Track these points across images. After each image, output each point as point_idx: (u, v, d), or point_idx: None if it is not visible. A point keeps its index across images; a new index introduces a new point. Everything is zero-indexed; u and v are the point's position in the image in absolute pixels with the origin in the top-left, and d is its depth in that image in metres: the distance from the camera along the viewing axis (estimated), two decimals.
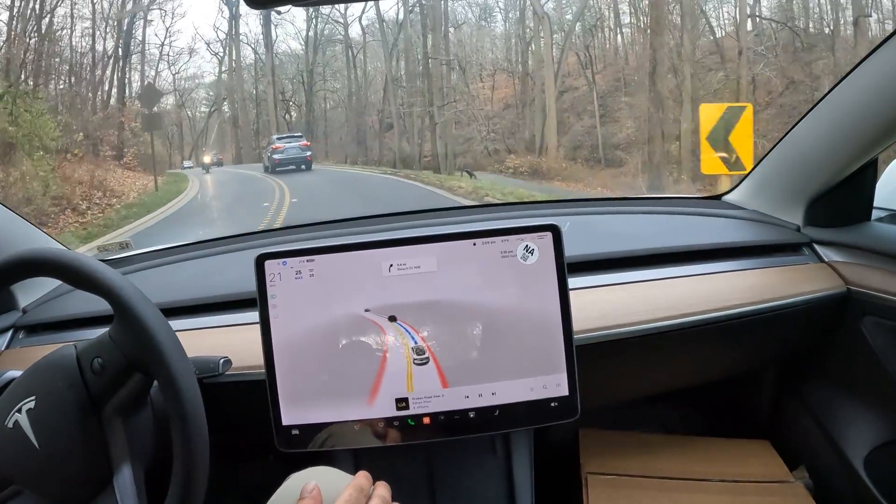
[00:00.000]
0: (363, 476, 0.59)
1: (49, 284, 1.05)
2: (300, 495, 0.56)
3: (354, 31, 17.11)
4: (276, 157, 13.13)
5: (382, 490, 0.58)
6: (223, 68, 16.79)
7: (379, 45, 16.48)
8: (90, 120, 12.13)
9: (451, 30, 15.07)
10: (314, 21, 16.60)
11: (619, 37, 14.04)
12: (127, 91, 14.16)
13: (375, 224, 1.18)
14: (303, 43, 17.07)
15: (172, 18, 16.30)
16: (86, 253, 0.72)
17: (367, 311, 0.70)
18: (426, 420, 0.71)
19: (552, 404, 0.71)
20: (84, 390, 0.59)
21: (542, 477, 0.93)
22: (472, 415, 0.71)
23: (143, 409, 0.65)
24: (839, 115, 0.88)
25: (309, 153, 13.37)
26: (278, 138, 13.83)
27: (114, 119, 13.04)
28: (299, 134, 14.30)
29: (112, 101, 13.42)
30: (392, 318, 0.70)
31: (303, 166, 13.10)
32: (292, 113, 17.60)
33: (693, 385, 1.08)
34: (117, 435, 0.61)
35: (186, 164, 15.78)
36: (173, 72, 15.83)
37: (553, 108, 12.90)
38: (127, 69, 14.17)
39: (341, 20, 16.61)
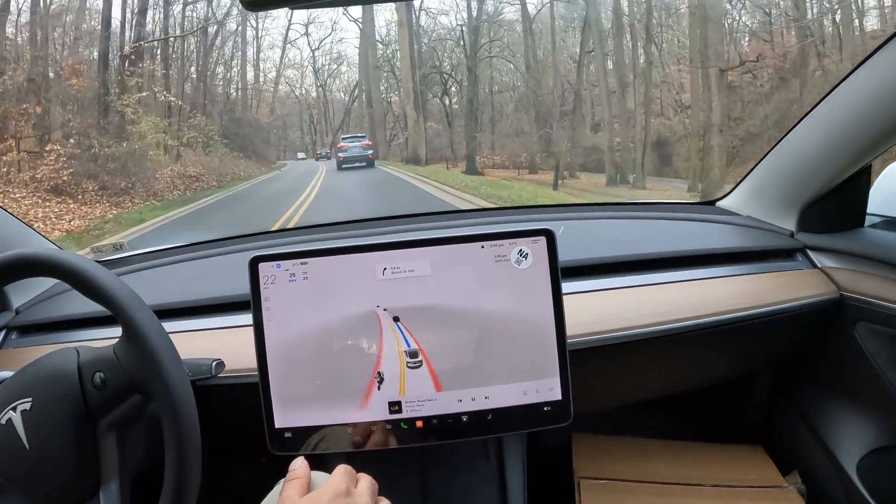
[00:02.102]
0: (347, 466, 0.59)
1: (42, 285, 1.05)
2: (287, 474, 0.57)
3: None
4: (340, 154, 14.16)
5: (370, 478, 0.58)
6: (362, 44, 14.58)
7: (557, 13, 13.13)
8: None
9: None
10: None
11: None
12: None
13: (370, 227, 1.18)
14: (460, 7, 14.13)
15: None
16: (82, 255, 0.71)
17: (377, 306, 0.70)
18: (419, 424, 0.70)
19: (545, 408, 0.71)
20: (82, 402, 0.59)
21: (534, 481, 0.93)
22: (464, 419, 0.70)
23: (138, 423, 0.65)
24: (833, 121, 0.88)
25: (370, 152, 14.24)
26: (344, 138, 14.81)
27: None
28: (362, 134, 15.08)
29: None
30: (395, 319, 0.70)
31: (364, 164, 14.01)
32: (452, 95, 14.09)
33: (687, 390, 1.08)
34: (109, 448, 0.61)
35: (300, 155, 15.56)
36: (312, 46, 14.85)
37: None
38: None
39: None
